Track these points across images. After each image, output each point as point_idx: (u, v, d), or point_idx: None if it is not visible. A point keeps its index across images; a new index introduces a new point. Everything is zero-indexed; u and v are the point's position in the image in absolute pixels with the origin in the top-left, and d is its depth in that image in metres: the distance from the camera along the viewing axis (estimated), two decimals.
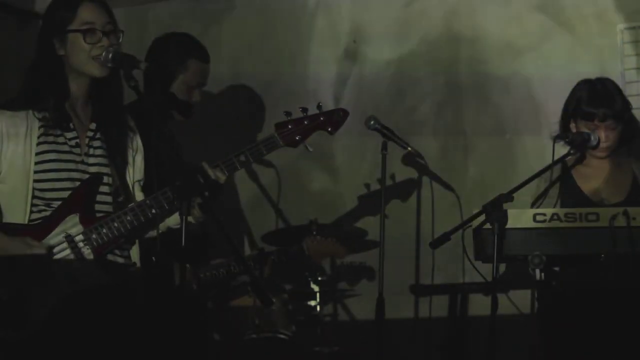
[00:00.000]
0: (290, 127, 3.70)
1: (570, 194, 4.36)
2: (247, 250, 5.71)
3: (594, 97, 4.32)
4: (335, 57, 5.90)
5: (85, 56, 3.57)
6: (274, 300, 4.73)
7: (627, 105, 4.37)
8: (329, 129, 3.77)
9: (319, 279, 5.23)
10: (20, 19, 5.83)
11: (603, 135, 4.31)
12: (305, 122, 3.72)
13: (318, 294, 5.21)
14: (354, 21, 5.89)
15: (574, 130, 4.36)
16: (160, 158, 3.63)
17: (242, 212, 5.92)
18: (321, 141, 5.73)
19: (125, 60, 3.54)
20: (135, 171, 3.75)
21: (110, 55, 3.56)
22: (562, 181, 4.39)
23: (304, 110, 3.72)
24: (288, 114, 3.71)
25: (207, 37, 5.81)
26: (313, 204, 5.78)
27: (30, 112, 3.57)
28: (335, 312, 5.72)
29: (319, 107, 3.74)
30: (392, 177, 5.57)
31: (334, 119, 3.77)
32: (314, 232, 5.07)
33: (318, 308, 5.21)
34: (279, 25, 6.01)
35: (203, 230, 4.51)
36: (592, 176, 4.40)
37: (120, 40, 3.60)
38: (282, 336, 4.85)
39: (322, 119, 3.75)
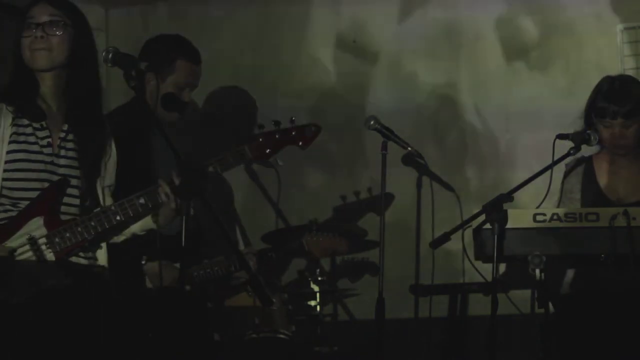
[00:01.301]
0: (261, 140, 3.68)
1: (589, 188, 4.36)
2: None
3: (608, 94, 4.30)
4: (335, 57, 5.90)
5: (26, 50, 3.60)
6: (274, 300, 4.73)
7: None
8: (300, 144, 3.75)
9: (319, 279, 5.22)
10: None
11: (617, 132, 4.29)
12: (277, 136, 3.70)
13: (318, 294, 5.21)
14: (354, 20, 5.89)
15: (596, 124, 4.34)
16: (156, 159, 3.64)
17: (241, 212, 5.92)
18: (321, 141, 5.79)
19: (125, 60, 3.54)
20: (106, 176, 3.70)
21: (110, 56, 3.56)
22: (584, 174, 4.39)
23: (277, 123, 3.70)
24: (261, 127, 3.70)
25: (206, 37, 5.82)
26: (313, 204, 5.78)
27: (4, 106, 3.56)
28: (335, 312, 5.72)
29: (291, 121, 3.73)
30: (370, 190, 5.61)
31: (305, 134, 3.74)
32: (314, 232, 5.07)
33: (318, 308, 5.21)
34: (278, 24, 6.01)
35: (197, 229, 4.51)
36: (613, 172, 4.38)
37: (60, 32, 3.58)
38: (282, 336, 4.84)
39: (293, 133, 3.73)
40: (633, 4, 5.39)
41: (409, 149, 4.94)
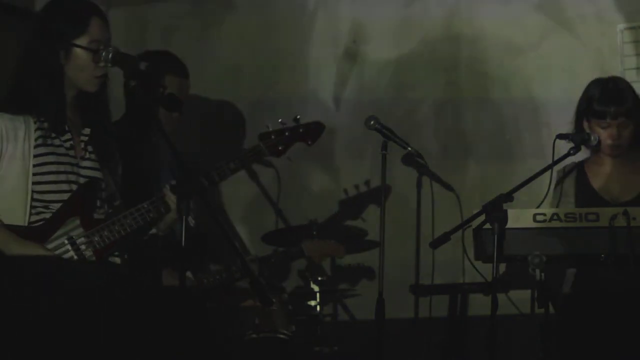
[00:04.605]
0: (273, 137, 3.94)
1: (583, 191, 4.38)
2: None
3: (605, 96, 4.32)
4: (335, 57, 5.90)
5: (88, 74, 3.61)
6: (274, 300, 4.73)
7: (639, 103, 4.36)
8: (309, 142, 4.04)
9: (319, 279, 5.23)
10: (20, 19, 5.82)
11: (615, 133, 4.31)
12: (286, 134, 3.96)
13: (318, 294, 5.21)
14: (354, 21, 5.88)
15: (587, 129, 4.36)
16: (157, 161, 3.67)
17: (241, 213, 5.92)
18: (321, 141, 5.80)
19: (125, 60, 3.54)
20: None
21: (110, 56, 3.56)
22: (577, 179, 4.40)
23: (283, 123, 3.97)
24: (267, 127, 3.96)
25: (206, 38, 5.82)
26: (313, 204, 5.78)
27: (29, 117, 3.58)
28: (335, 312, 5.72)
29: (296, 119, 3.99)
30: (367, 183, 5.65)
31: (311, 131, 4.04)
32: (314, 233, 5.08)
33: (318, 308, 5.21)
34: (279, 25, 6.00)
35: (202, 232, 4.52)
36: (605, 174, 4.41)
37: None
38: (282, 336, 4.84)
39: (301, 130, 3.99)
40: (633, 4, 5.39)
41: (409, 149, 4.94)
